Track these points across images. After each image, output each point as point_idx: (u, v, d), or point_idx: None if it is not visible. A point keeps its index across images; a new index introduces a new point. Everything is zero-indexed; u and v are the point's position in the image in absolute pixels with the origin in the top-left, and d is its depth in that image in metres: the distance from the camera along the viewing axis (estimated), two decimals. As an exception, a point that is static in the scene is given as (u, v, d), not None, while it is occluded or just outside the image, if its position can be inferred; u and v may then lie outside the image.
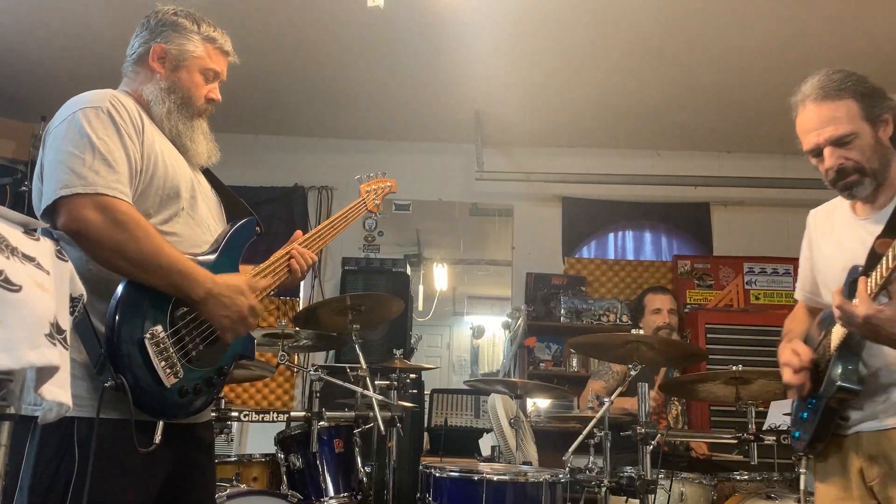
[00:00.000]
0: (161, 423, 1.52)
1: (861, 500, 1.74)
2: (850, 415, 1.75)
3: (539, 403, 4.56)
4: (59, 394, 1.06)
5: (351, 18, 3.87)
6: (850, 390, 1.69)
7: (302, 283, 5.24)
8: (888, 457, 1.68)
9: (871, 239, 1.65)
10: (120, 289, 1.49)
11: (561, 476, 2.50)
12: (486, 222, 5.75)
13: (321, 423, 2.82)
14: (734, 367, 2.64)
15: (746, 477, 2.92)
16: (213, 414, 2.82)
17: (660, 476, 2.71)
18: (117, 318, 1.47)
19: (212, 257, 1.68)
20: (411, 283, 5.08)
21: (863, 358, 1.71)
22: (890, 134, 1.76)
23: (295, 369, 4.88)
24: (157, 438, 1.50)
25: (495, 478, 2.41)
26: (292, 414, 2.97)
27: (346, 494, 2.83)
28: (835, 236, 1.88)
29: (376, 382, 3.00)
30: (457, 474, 2.48)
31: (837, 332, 1.71)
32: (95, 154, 1.51)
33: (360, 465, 2.92)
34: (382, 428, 2.76)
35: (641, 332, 3.65)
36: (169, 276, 1.53)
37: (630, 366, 2.68)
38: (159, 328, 1.51)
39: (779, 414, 3.06)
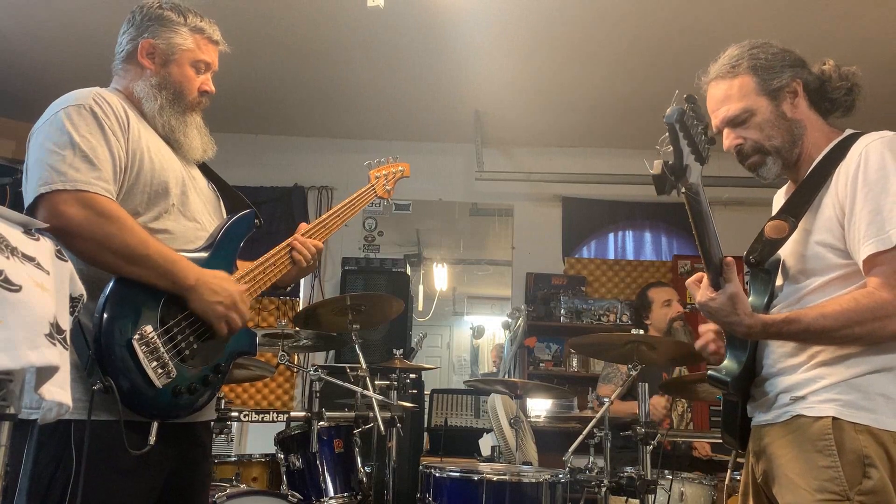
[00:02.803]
0: (155, 424, 1.49)
1: (755, 497, 1.64)
2: (748, 408, 1.66)
3: (539, 403, 4.55)
4: (59, 394, 1.06)
5: (351, 18, 3.87)
6: (716, 379, 1.61)
7: (302, 282, 5.25)
8: (767, 453, 1.58)
9: None
10: (108, 287, 1.45)
11: (561, 476, 2.50)
12: (486, 222, 5.75)
13: (321, 423, 2.81)
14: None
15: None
16: (214, 413, 2.82)
17: (660, 476, 2.71)
18: (105, 318, 1.42)
19: (205, 254, 1.64)
20: (411, 283, 5.08)
21: (756, 348, 1.62)
22: (800, 104, 1.62)
23: (295, 369, 4.89)
24: (152, 440, 1.47)
25: (495, 478, 2.41)
26: (292, 414, 2.97)
27: (346, 494, 2.82)
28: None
29: (376, 382, 2.99)
30: (457, 474, 2.48)
31: None
32: (76, 151, 1.49)
33: (360, 465, 2.92)
34: (382, 428, 2.76)
35: (649, 328, 3.65)
36: (158, 266, 1.49)
37: (629, 366, 2.68)
38: (149, 328, 1.47)
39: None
